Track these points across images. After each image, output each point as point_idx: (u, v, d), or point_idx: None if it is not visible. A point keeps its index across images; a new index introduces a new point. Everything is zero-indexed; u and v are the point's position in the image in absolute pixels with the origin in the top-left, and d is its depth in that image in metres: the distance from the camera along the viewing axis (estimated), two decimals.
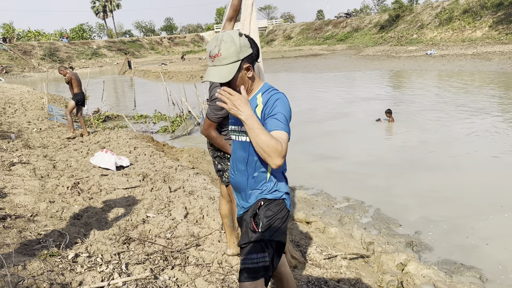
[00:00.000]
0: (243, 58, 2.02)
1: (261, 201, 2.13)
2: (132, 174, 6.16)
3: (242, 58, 2.02)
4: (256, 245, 2.08)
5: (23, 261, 3.01)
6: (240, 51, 2.01)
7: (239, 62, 2.02)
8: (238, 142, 2.21)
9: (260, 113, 2.05)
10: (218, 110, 3.04)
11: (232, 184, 2.30)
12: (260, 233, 2.08)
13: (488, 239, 4.69)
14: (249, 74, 2.07)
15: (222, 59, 2.00)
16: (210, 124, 3.13)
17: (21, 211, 4.31)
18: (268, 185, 2.15)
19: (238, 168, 2.22)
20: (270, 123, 1.96)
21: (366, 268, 4.02)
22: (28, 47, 52.46)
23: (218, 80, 2.02)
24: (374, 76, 22.86)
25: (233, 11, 3.31)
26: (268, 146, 1.85)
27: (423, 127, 10.20)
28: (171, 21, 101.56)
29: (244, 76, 2.07)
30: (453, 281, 3.76)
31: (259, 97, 2.10)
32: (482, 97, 13.77)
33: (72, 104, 9.16)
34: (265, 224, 2.08)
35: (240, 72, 2.03)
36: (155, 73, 30.92)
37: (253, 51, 2.07)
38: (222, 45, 1.99)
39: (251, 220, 2.12)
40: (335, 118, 12.11)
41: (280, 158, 1.87)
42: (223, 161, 3.27)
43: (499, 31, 31.17)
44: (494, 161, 7.34)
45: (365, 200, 6.00)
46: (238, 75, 2.03)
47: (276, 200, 2.14)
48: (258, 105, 2.08)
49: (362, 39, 48.38)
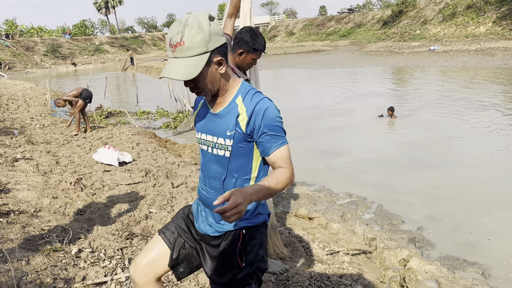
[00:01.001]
0: (214, 50, 1.61)
1: (243, 230, 1.81)
2: (135, 170, 6.18)
3: (212, 49, 1.60)
4: (241, 280, 1.83)
5: (26, 256, 3.03)
6: (209, 39, 1.58)
7: (208, 54, 1.60)
8: (212, 154, 1.80)
9: (245, 127, 1.68)
10: None
11: (203, 201, 1.91)
12: (245, 267, 1.81)
13: (491, 235, 4.68)
14: (221, 70, 1.68)
15: (185, 50, 1.57)
16: None
17: (25, 206, 4.33)
18: (249, 208, 1.79)
19: (211, 186, 1.83)
20: (268, 142, 1.68)
21: (369, 263, 4.02)
22: (30, 43, 52.49)
23: (180, 77, 1.59)
24: (377, 72, 22.79)
25: (233, 8, 3.31)
26: (283, 187, 1.67)
27: (426, 123, 10.17)
28: (173, 17, 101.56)
29: (215, 73, 1.67)
30: (456, 277, 3.76)
31: (240, 103, 1.72)
32: (486, 93, 13.71)
33: (80, 102, 9.14)
34: (251, 258, 1.82)
35: (209, 67, 1.63)
36: (157, 69, 30.91)
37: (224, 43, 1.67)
38: (186, 31, 1.56)
39: (237, 256, 1.81)
40: (338, 114, 12.09)
41: (292, 179, 1.71)
42: None
43: (502, 26, 31.01)
44: (499, 157, 7.31)
45: (367, 196, 5.99)
46: (207, 71, 1.63)
47: (259, 225, 1.85)
48: (241, 114, 1.69)
49: (364, 35, 48.23)
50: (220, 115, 1.75)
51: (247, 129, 1.68)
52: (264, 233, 1.89)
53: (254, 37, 2.96)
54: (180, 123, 11.78)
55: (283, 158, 1.69)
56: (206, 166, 1.85)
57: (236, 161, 1.74)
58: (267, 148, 1.69)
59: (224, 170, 1.77)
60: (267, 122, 1.66)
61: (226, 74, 1.72)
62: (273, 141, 1.67)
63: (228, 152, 1.72)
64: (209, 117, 1.79)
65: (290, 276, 3.21)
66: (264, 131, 1.66)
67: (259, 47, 2.99)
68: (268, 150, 1.69)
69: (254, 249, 1.83)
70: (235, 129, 1.70)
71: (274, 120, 1.68)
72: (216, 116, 1.76)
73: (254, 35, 2.96)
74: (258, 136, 1.68)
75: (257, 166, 1.78)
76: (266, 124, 1.66)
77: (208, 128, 1.78)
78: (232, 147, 1.71)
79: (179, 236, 1.92)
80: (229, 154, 1.73)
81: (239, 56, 3.00)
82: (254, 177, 1.79)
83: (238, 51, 2.99)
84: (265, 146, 1.69)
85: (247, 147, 1.73)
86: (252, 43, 2.95)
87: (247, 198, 1.51)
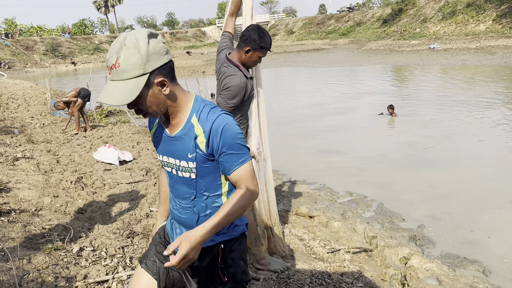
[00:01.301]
0: (153, 71, 1.47)
1: (222, 244, 1.74)
2: (135, 169, 6.18)
3: (151, 70, 1.47)
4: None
5: (28, 255, 3.03)
6: (147, 60, 1.45)
7: (146, 76, 1.46)
8: (178, 176, 1.72)
9: (205, 148, 1.59)
10: (230, 99, 3.00)
11: (176, 220, 1.84)
12: (228, 281, 1.77)
13: (492, 233, 4.68)
14: (165, 91, 1.52)
15: (121, 72, 1.45)
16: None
17: (26, 205, 4.33)
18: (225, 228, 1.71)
19: (181, 206, 1.76)
20: (228, 161, 1.59)
21: (369, 262, 4.03)
22: (30, 42, 52.45)
23: (115, 102, 1.45)
24: (377, 70, 22.79)
25: (235, 7, 3.33)
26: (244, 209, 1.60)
27: (426, 121, 10.17)
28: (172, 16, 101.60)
29: (158, 94, 1.52)
30: (456, 275, 3.77)
31: (196, 123, 1.60)
32: (486, 91, 13.71)
33: (79, 102, 9.15)
34: (233, 271, 1.78)
35: (150, 88, 1.49)
36: None
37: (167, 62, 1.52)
38: (122, 51, 1.44)
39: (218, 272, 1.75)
40: (338, 113, 12.09)
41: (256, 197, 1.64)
42: None
43: (502, 24, 30.99)
44: (499, 155, 7.32)
45: (368, 195, 6.00)
46: (148, 93, 1.49)
47: (237, 237, 1.79)
48: (198, 136, 1.59)
49: (364, 33, 48.21)
50: (177, 137, 1.64)
51: (207, 150, 1.59)
52: (244, 244, 1.84)
53: (262, 35, 2.99)
54: None
55: (244, 177, 1.60)
56: (174, 188, 1.77)
57: (203, 181, 1.67)
58: (227, 168, 1.60)
59: (193, 191, 1.70)
60: (226, 141, 1.56)
61: (172, 94, 1.57)
62: (233, 160, 1.58)
63: (194, 174, 1.65)
64: (167, 139, 1.69)
65: (291, 274, 3.22)
66: (223, 150, 1.57)
67: (266, 45, 3.03)
68: (228, 170, 1.60)
69: (235, 261, 1.78)
70: (195, 151, 1.61)
71: (233, 137, 1.57)
72: (174, 138, 1.66)
73: (261, 33, 3.00)
74: (218, 155, 1.59)
75: (227, 180, 1.71)
76: (225, 143, 1.56)
77: (169, 151, 1.69)
78: (196, 168, 1.64)
79: (161, 263, 1.82)
80: (194, 175, 1.65)
81: (245, 54, 3.03)
82: (226, 192, 1.72)
83: (245, 49, 3.01)
84: (225, 166, 1.60)
85: (212, 166, 1.65)
86: (260, 41, 2.98)
87: (197, 243, 1.47)
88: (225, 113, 1.61)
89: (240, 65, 3.04)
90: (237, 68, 3.03)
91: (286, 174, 7.07)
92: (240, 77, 2.99)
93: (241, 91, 2.99)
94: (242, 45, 3.03)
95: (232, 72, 3.01)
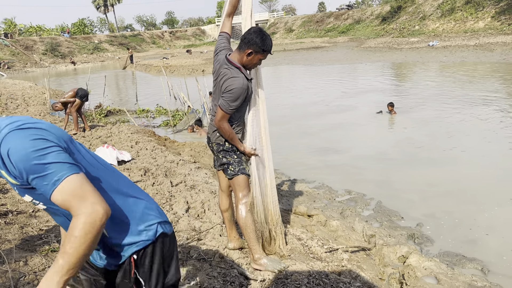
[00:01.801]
0: None
1: (133, 256, 1.59)
2: (134, 169, 6.17)
3: None
4: None
5: (24, 256, 3.02)
6: None
7: None
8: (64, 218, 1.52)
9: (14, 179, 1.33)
10: (233, 101, 3.00)
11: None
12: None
13: (490, 231, 4.67)
14: None
15: None
16: (223, 116, 3.06)
17: (23, 207, 4.32)
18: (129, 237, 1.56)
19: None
20: (40, 187, 1.30)
21: (368, 261, 4.02)
22: (29, 42, 52.42)
23: None
24: (376, 68, 22.76)
25: (232, 7, 3.35)
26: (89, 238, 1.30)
27: (426, 119, 10.15)
28: (172, 14, 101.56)
29: None
30: (455, 273, 3.76)
31: None
32: (485, 88, 13.69)
33: (77, 102, 9.14)
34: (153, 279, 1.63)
35: None
36: (156, 67, 30.88)
37: None
38: None
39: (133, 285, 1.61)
40: (337, 111, 12.08)
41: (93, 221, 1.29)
42: (229, 154, 3.26)
43: (501, 21, 30.92)
44: (499, 153, 7.30)
45: (366, 193, 5.99)
46: None
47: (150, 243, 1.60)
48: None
49: (363, 31, 48.14)
50: None
51: (17, 180, 1.32)
52: (168, 244, 1.67)
53: (264, 38, 3.02)
54: (180, 121, 11.77)
55: (65, 199, 1.29)
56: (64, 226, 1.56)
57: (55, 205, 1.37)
58: (44, 194, 1.32)
59: (62, 218, 1.51)
60: (21, 166, 1.27)
61: None
62: (43, 183, 1.29)
63: (40, 203, 1.44)
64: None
65: (289, 274, 3.21)
66: (27, 177, 1.29)
67: (268, 48, 3.06)
68: (46, 196, 1.31)
69: (154, 268, 1.62)
70: (14, 186, 1.38)
71: (25, 161, 1.27)
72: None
73: (264, 36, 3.02)
74: (29, 183, 1.31)
75: None
76: (21, 169, 1.28)
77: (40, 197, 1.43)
78: (34, 198, 1.42)
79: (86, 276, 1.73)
80: (43, 205, 1.45)
81: (247, 56, 3.04)
82: None
83: (247, 51, 3.02)
84: (41, 192, 1.33)
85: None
86: (262, 44, 3.00)
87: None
88: (9, 132, 1.29)
89: (241, 67, 3.05)
90: (239, 70, 3.03)
91: (285, 173, 7.06)
92: (243, 79, 3.00)
93: (243, 93, 3.00)
94: (244, 47, 3.03)
95: (234, 74, 3.01)
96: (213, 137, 3.29)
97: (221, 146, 3.26)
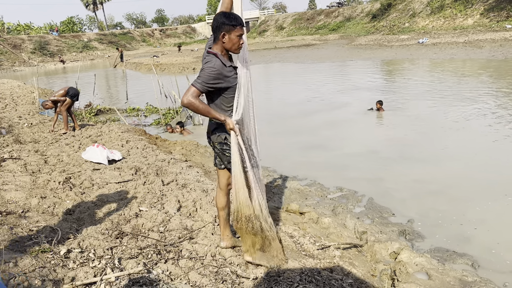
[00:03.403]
0: None
1: None
2: (125, 168, 6.13)
3: None
4: None
5: (14, 258, 2.99)
6: None
7: None
8: None
9: None
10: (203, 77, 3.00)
11: None
12: None
13: (480, 225, 4.72)
14: None
15: None
16: (193, 91, 2.98)
17: (12, 207, 4.28)
18: None
19: None
20: None
21: (359, 257, 4.04)
22: (18, 41, 51.79)
23: None
24: (367, 65, 22.84)
25: (225, 9, 3.38)
26: None
27: (415, 116, 10.22)
28: (162, 12, 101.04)
29: None
30: (446, 269, 3.79)
31: None
32: (474, 85, 13.80)
33: (67, 101, 9.06)
34: None
35: None
36: (147, 66, 30.71)
37: None
38: None
39: None
40: (328, 109, 12.10)
41: None
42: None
43: (490, 18, 31.19)
44: (489, 149, 7.37)
45: (358, 190, 6.01)
46: None
47: None
48: None
49: (354, 28, 48.24)
50: None
51: None
52: None
53: (228, 15, 3.06)
54: (171, 120, 11.72)
55: None
56: None
57: None
58: None
59: None
60: None
61: None
62: None
63: None
64: None
65: (281, 272, 3.22)
66: None
67: (237, 22, 3.06)
68: None
69: None
70: None
71: None
72: None
73: (227, 14, 3.07)
74: None
75: None
76: None
77: None
78: None
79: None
80: None
81: (223, 41, 3.07)
82: None
83: (221, 36, 3.07)
84: None
85: None
86: (229, 21, 3.03)
87: None
88: None
89: (217, 53, 3.09)
90: (215, 56, 3.09)
91: (277, 171, 7.06)
92: (215, 61, 3.04)
93: (213, 72, 3.00)
94: (217, 34, 3.10)
95: (208, 59, 3.09)
96: (213, 138, 3.27)
97: (224, 145, 3.23)
